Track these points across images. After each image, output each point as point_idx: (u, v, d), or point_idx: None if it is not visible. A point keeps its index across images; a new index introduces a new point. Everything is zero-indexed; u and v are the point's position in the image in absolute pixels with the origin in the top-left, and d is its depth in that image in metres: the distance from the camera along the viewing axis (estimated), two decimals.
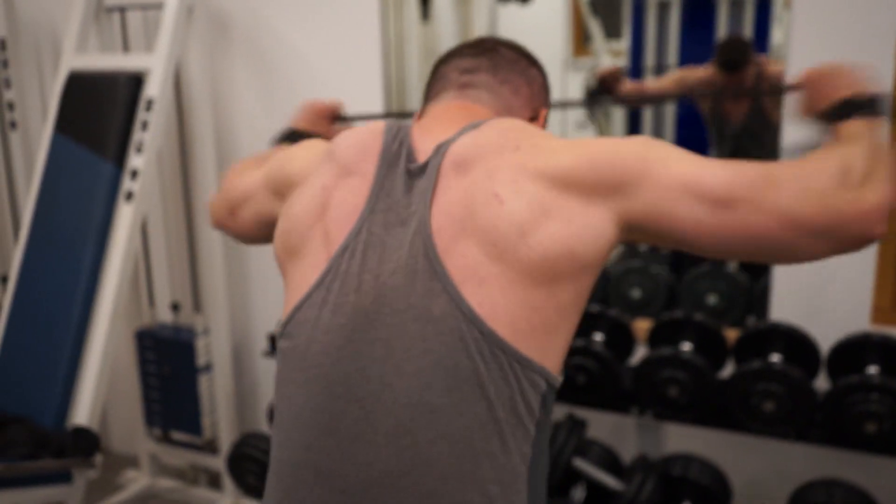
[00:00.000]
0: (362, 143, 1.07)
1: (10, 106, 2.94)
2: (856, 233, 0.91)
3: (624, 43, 2.78)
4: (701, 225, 0.93)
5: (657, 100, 2.77)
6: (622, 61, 2.79)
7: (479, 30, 2.90)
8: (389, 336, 0.95)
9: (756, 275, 2.36)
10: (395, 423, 0.94)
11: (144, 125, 2.40)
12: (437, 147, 1.02)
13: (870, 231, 0.91)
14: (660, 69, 2.69)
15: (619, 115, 2.86)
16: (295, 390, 1.01)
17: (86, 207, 2.41)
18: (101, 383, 2.30)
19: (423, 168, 1.02)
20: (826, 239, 0.92)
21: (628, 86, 2.70)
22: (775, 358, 2.00)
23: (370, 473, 0.94)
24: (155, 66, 2.43)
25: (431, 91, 1.20)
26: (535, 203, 0.94)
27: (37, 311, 2.43)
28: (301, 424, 1.00)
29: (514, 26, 2.82)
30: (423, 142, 1.05)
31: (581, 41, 2.96)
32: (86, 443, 2.21)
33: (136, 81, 2.44)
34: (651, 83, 2.73)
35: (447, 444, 0.92)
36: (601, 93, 2.67)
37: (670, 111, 2.75)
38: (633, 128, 2.81)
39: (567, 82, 2.93)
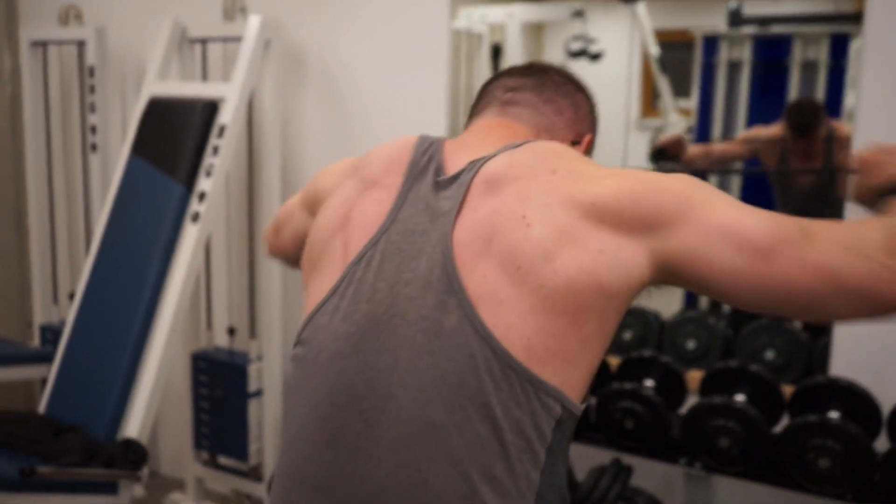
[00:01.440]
0: (390, 155, 1.07)
1: (93, 129, 3.07)
2: (889, 299, 0.89)
3: (693, 102, 2.78)
4: (738, 273, 0.90)
5: (724, 162, 2.75)
6: (690, 121, 2.79)
7: None
8: (398, 347, 0.93)
9: (817, 332, 2.30)
10: (396, 438, 0.91)
11: (215, 150, 2.49)
12: (472, 163, 1.01)
13: None
14: (728, 129, 2.67)
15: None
16: (301, 398, 1.00)
17: (154, 227, 2.48)
18: (154, 399, 2.34)
19: (452, 180, 1.00)
20: (858, 301, 0.89)
21: (693, 150, 2.69)
22: (833, 414, 1.93)
23: (369, 488, 0.92)
24: (230, 95, 2.53)
25: (476, 108, 1.21)
26: (566, 230, 0.91)
27: (99, 325, 2.50)
28: (303, 434, 0.98)
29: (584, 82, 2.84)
30: (456, 156, 1.05)
31: (650, 100, 2.96)
32: (134, 455, 2.24)
33: (211, 108, 2.53)
34: (718, 145, 2.71)
35: (447, 464, 0.89)
36: (667, 160, 2.67)
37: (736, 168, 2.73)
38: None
39: (633, 142, 2.93)
